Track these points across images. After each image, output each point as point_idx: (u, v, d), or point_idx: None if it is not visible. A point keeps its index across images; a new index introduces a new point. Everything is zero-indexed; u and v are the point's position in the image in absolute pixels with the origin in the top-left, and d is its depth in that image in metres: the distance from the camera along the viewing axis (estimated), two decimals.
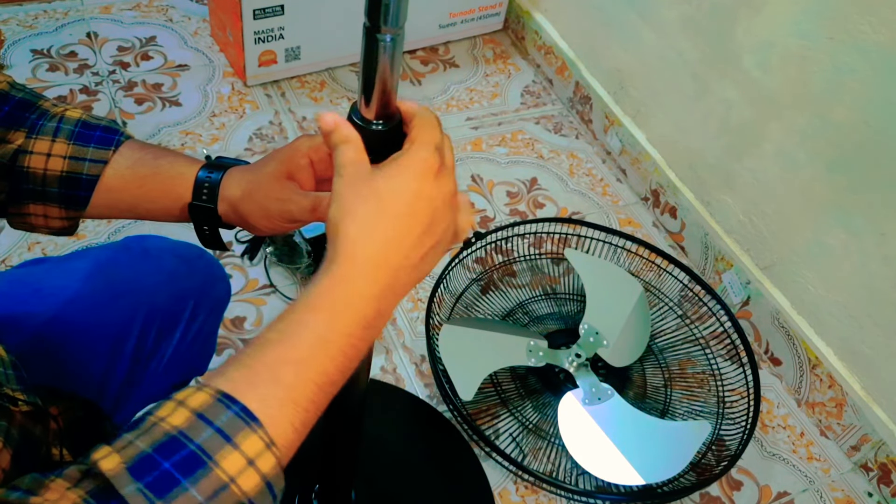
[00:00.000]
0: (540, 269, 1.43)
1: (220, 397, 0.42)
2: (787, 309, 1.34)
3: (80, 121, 0.66)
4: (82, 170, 0.65)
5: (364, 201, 0.46)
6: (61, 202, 0.66)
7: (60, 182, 0.65)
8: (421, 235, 0.47)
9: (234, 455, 0.40)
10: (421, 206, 0.47)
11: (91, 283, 0.75)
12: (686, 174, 1.51)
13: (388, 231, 0.47)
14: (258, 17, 1.52)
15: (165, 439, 0.40)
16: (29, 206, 0.66)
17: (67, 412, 0.65)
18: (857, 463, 1.28)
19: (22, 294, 0.74)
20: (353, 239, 0.46)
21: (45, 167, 0.64)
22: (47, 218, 0.67)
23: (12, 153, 0.64)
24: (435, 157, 0.48)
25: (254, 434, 0.41)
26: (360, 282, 0.46)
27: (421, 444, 1.21)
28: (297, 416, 0.43)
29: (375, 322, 0.47)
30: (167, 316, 0.78)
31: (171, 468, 0.39)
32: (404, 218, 0.47)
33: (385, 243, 0.47)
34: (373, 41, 0.49)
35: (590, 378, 1.22)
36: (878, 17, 1.07)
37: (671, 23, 1.44)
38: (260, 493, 0.41)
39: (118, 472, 0.39)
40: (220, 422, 0.41)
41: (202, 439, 0.40)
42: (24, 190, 0.65)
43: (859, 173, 1.16)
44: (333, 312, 0.45)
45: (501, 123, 1.72)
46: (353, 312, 0.46)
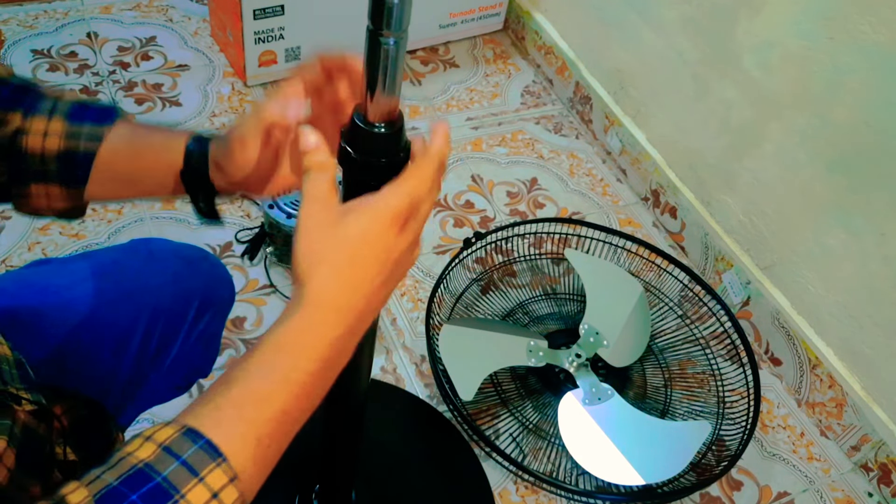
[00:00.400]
0: (540, 270, 1.43)
1: (186, 431, 0.43)
2: (787, 309, 1.34)
3: (75, 101, 0.66)
4: (79, 146, 0.65)
5: (334, 248, 0.47)
6: (61, 180, 0.66)
7: (58, 160, 0.65)
8: (384, 283, 0.49)
9: (199, 488, 0.41)
10: (386, 257, 0.49)
11: (96, 284, 0.75)
12: (686, 174, 1.51)
13: (355, 280, 0.48)
14: (258, 17, 1.52)
15: (132, 472, 0.41)
16: (31, 186, 0.66)
17: (71, 411, 0.65)
18: (858, 463, 1.28)
19: (27, 294, 0.74)
20: (322, 285, 0.48)
21: (42, 146, 0.64)
22: (50, 198, 0.67)
23: (11, 134, 0.64)
24: (406, 209, 0.48)
25: (218, 468, 0.42)
26: (326, 327, 0.48)
27: (421, 444, 1.21)
28: (258, 451, 0.45)
29: (337, 361, 0.50)
30: (171, 317, 0.78)
31: (138, 500, 0.40)
32: (371, 268, 0.48)
33: (352, 291, 0.48)
34: (376, 44, 0.49)
35: (590, 378, 1.22)
36: (878, 17, 1.07)
37: (671, 23, 1.44)
38: None
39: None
40: (185, 455, 0.42)
41: (168, 472, 0.41)
42: (24, 170, 0.65)
43: (859, 173, 1.16)
44: (297, 354, 0.47)
45: (501, 123, 1.72)
46: (316, 354, 0.48)
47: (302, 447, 1.11)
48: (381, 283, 0.49)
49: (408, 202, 0.48)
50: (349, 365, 0.73)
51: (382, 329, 1.31)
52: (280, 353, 0.47)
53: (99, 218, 1.37)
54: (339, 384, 0.76)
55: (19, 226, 1.34)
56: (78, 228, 1.34)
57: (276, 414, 0.46)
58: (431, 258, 1.43)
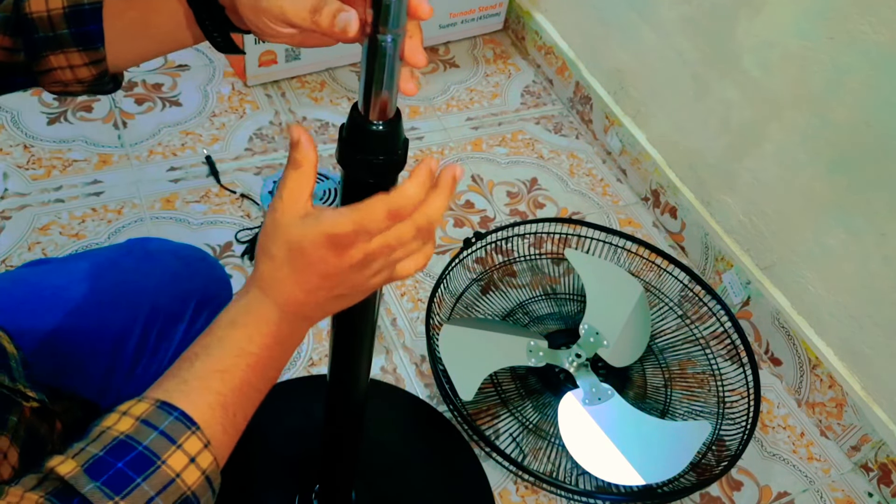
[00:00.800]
0: (540, 270, 1.43)
1: (160, 405, 0.47)
2: (787, 309, 1.34)
3: None
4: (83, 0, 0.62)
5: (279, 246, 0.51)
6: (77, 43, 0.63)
7: (67, 20, 0.62)
8: (320, 284, 0.51)
9: (178, 454, 0.46)
10: (322, 268, 0.50)
11: (93, 284, 0.75)
12: (686, 174, 1.51)
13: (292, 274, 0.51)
14: None
15: (115, 443, 0.45)
16: (49, 57, 0.63)
17: (68, 412, 0.65)
18: (858, 463, 1.28)
19: (25, 294, 0.74)
20: (266, 272, 0.51)
21: (47, 8, 0.61)
22: (73, 68, 0.64)
23: (13, 5, 0.61)
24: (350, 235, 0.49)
25: (193, 436, 0.47)
26: (269, 307, 0.52)
27: (421, 444, 1.21)
28: (226, 419, 0.49)
29: (289, 340, 0.53)
30: (169, 317, 0.78)
31: (124, 467, 0.44)
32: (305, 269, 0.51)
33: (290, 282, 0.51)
34: (374, 42, 0.49)
35: (590, 378, 1.22)
36: (878, 17, 1.07)
37: (671, 23, 1.44)
38: (201, 487, 0.47)
39: (76, 474, 0.43)
40: (162, 426, 0.46)
41: (148, 441, 0.45)
42: (37, 40, 0.62)
43: (859, 173, 1.16)
44: (250, 329, 0.51)
45: (501, 123, 1.72)
46: (266, 329, 0.52)
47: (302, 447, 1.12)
48: (317, 285, 0.51)
49: (351, 229, 0.49)
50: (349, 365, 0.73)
51: (382, 329, 1.31)
52: (235, 329, 0.51)
53: (99, 218, 1.37)
54: (340, 384, 0.76)
55: (19, 226, 1.34)
56: (78, 229, 1.35)
57: (239, 384, 0.50)
58: (431, 258, 1.43)
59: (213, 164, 1.48)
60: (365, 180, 0.55)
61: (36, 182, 1.41)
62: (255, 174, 1.49)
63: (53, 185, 1.41)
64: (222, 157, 1.51)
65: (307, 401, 1.19)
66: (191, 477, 0.46)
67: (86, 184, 1.42)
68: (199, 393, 0.49)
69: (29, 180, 1.41)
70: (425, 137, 1.64)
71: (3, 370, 0.56)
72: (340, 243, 0.49)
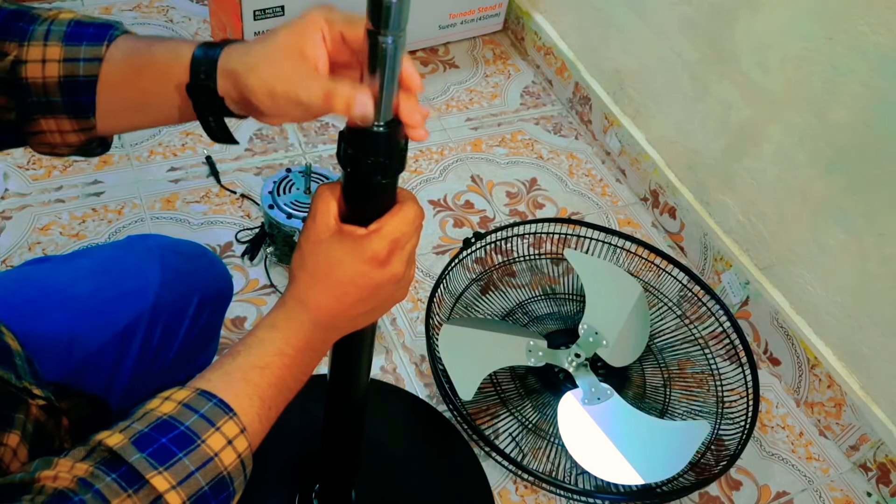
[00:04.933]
0: (539, 270, 1.44)
1: (201, 392, 0.51)
2: (786, 309, 1.34)
3: (72, 20, 0.61)
4: (78, 72, 0.60)
5: (316, 262, 0.56)
6: (68, 111, 0.62)
7: (61, 89, 0.61)
8: (355, 300, 0.57)
9: (217, 435, 0.50)
10: (358, 281, 0.56)
11: (97, 281, 0.76)
12: (685, 175, 1.51)
13: (328, 288, 0.57)
14: (258, 17, 1.53)
15: (159, 422, 0.49)
16: (40, 121, 0.62)
17: (76, 409, 0.65)
18: (856, 463, 1.29)
19: (29, 292, 0.74)
20: (304, 289, 0.57)
21: (42, 75, 0.60)
22: (62, 133, 0.63)
23: (10, 66, 0.60)
24: (386, 249, 0.55)
25: (230, 420, 0.51)
26: (305, 317, 0.57)
27: (421, 444, 1.21)
28: (262, 410, 0.53)
29: (321, 347, 0.59)
30: (172, 313, 0.79)
31: (168, 443, 0.48)
32: (342, 284, 0.56)
33: (325, 296, 0.57)
34: (374, 43, 0.49)
35: (589, 378, 1.22)
36: (877, 18, 1.07)
37: (671, 23, 1.44)
38: (236, 469, 0.50)
39: (124, 445, 0.47)
40: (203, 410, 0.50)
41: (190, 422, 0.49)
42: (30, 103, 0.61)
43: (858, 174, 1.17)
44: (287, 333, 0.56)
45: (501, 124, 1.72)
46: (303, 336, 0.57)
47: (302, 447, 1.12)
48: (355, 301, 0.57)
49: (389, 242, 0.56)
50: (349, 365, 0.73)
51: (382, 329, 1.31)
52: (274, 331, 0.56)
53: (99, 218, 1.37)
54: (340, 384, 0.76)
55: (19, 226, 1.34)
56: (78, 229, 1.35)
57: (275, 380, 0.55)
58: (431, 258, 1.43)
59: (214, 164, 1.48)
60: (367, 181, 0.55)
61: (36, 182, 1.41)
62: (256, 174, 1.49)
63: (54, 185, 1.41)
64: (222, 157, 1.51)
65: (307, 401, 1.19)
66: (228, 458, 0.50)
67: (86, 184, 1.42)
68: (239, 384, 0.53)
69: (29, 180, 1.41)
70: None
71: (9, 368, 0.57)
72: (380, 259, 0.55)
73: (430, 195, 1.54)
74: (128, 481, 0.46)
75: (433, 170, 1.59)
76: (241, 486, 0.51)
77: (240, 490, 0.51)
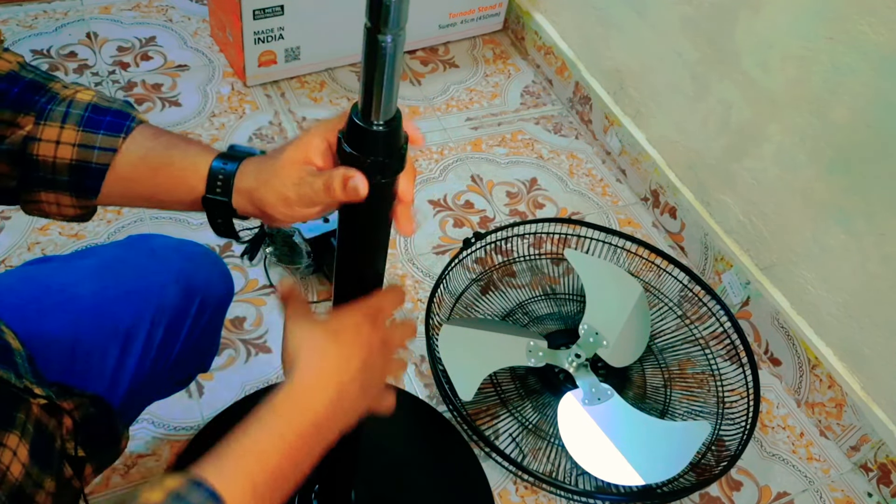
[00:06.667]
0: (540, 270, 1.43)
1: (193, 481, 0.50)
2: (786, 309, 1.34)
3: (90, 104, 0.64)
4: (91, 158, 0.63)
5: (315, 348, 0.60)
6: (72, 190, 0.64)
7: (70, 170, 0.63)
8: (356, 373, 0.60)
9: None
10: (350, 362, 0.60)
11: (100, 281, 0.76)
12: (686, 174, 1.51)
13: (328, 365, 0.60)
14: (258, 17, 1.52)
15: None
16: (40, 193, 0.64)
17: (79, 408, 0.65)
18: (857, 463, 1.28)
19: (32, 292, 0.74)
20: (305, 366, 0.58)
21: (54, 155, 0.62)
22: (60, 206, 0.65)
23: (22, 140, 0.62)
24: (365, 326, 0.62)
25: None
26: (311, 396, 0.58)
27: (421, 444, 1.21)
28: (254, 499, 0.52)
29: (325, 427, 0.58)
30: (175, 313, 0.79)
31: None
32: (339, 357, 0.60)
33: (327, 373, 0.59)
34: (374, 42, 0.49)
35: (589, 378, 1.22)
36: (877, 18, 1.07)
37: (671, 23, 1.44)
38: None
39: None
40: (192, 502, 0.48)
41: None
42: (34, 177, 0.63)
43: (859, 174, 1.16)
44: (290, 417, 0.56)
45: (501, 124, 1.72)
46: (305, 418, 0.57)
47: None
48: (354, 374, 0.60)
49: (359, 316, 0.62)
50: None
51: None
52: (275, 415, 0.56)
53: (99, 218, 1.37)
54: None
55: (19, 226, 1.34)
56: (78, 228, 1.34)
57: (272, 467, 0.54)
58: (431, 258, 1.43)
59: None
60: (367, 180, 0.55)
61: None
62: None
63: None
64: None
65: None
66: None
67: None
68: (232, 472, 0.52)
69: None
70: (425, 137, 1.64)
71: (9, 367, 0.57)
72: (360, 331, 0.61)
73: (430, 195, 1.54)
74: None
75: (433, 169, 1.59)
76: None
77: None
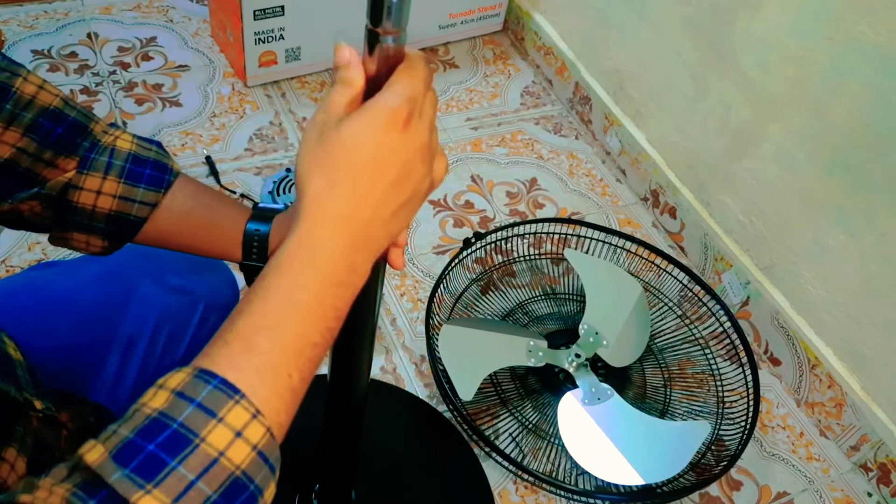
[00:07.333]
0: (540, 270, 1.43)
1: (198, 374, 0.40)
2: (786, 309, 1.34)
3: (130, 155, 0.64)
4: (131, 211, 0.64)
5: (329, 154, 0.44)
6: (106, 237, 0.66)
7: (108, 220, 0.64)
8: (388, 189, 0.45)
9: (220, 429, 0.39)
10: (386, 159, 0.44)
11: (102, 288, 0.75)
12: (685, 174, 1.51)
13: (354, 183, 0.44)
14: (258, 17, 1.53)
15: (147, 423, 0.38)
16: (73, 234, 0.66)
17: (78, 417, 0.65)
18: (857, 463, 1.28)
19: (33, 299, 0.74)
20: (319, 193, 0.44)
21: (94, 204, 0.63)
22: (89, 245, 0.67)
23: (62, 186, 0.63)
24: (405, 107, 0.44)
25: (237, 406, 0.39)
26: (326, 239, 0.44)
27: (421, 444, 1.21)
28: (279, 382, 0.42)
29: (348, 279, 0.45)
30: (177, 321, 0.78)
31: (157, 449, 0.37)
32: (369, 169, 0.44)
33: (351, 196, 0.44)
34: (375, 42, 0.49)
35: (589, 378, 1.22)
36: (876, 18, 1.07)
37: (671, 23, 1.44)
38: (253, 465, 0.39)
39: (102, 461, 0.37)
40: (199, 398, 0.39)
41: (183, 417, 0.38)
42: (70, 221, 0.64)
43: (858, 174, 1.17)
44: (300, 273, 0.43)
45: (501, 124, 1.72)
46: (320, 271, 0.44)
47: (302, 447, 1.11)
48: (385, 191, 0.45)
49: (406, 99, 0.44)
50: (349, 365, 0.73)
51: (382, 329, 1.31)
52: (280, 275, 0.43)
53: None
54: (340, 384, 0.76)
55: None
56: None
57: (290, 340, 0.42)
58: (431, 258, 1.43)
59: (213, 164, 1.48)
60: None
61: None
62: (255, 174, 1.49)
63: None
64: (222, 157, 1.51)
65: (307, 401, 1.19)
66: (238, 454, 0.39)
67: None
68: (242, 355, 0.41)
69: None
70: None
71: (9, 379, 0.56)
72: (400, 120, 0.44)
73: (431, 195, 1.54)
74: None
75: None
76: (269, 480, 0.41)
77: (268, 485, 0.41)
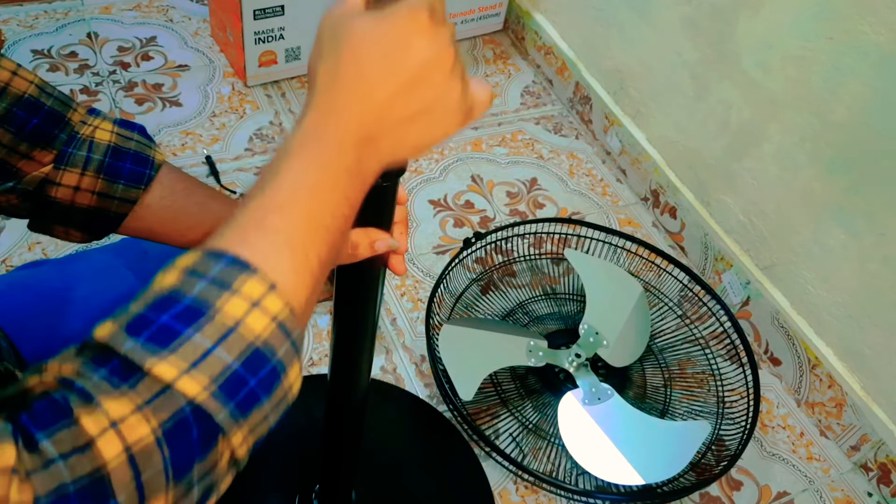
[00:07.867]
0: (540, 270, 1.43)
1: (208, 253, 0.39)
2: (786, 309, 1.34)
3: (109, 148, 0.64)
4: (110, 208, 0.64)
5: (340, 47, 0.43)
6: (85, 230, 0.66)
7: (87, 215, 0.64)
8: (401, 89, 0.43)
9: (235, 300, 0.37)
10: (399, 55, 0.42)
11: (91, 286, 0.75)
12: (686, 174, 1.51)
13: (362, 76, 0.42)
14: (258, 17, 1.52)
15: (158, 299, 0.37)
16: (52, 226, 0.66)
17: None
18: (857, 463, 1.28)
19: (24, 297, 0.74)
20: (326, 85, 0.43)
21: (72, 199, 0.63)
22: (69, 235, 0.67)
23: (39, 182, 0.62)
24: (423, 8, 0.42)
25: (251, 279, 0.38)
26: (333, 127, 0.42)
27: (421, 444, 1.21)
28: (295, 259, 0.40)
29: (357, 168, 0.43)
30: None
31: (170, 320, 0.36)
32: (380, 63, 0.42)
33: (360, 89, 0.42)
34: None
35: (590, 378, 1.22)
36: (877, 18, 1.07)
37: (671, 23, 1.44)
38: (274, 336, 0.38)
39: (114, 333, 0.36)
40: (212, 273, 0.37)
41: (196, 292, 0.37)
42: (47, 214, 0.64)
43: (859, 174, 1.17)
44: (309, 157, 0.42)
45: (501, 124, 1.72)
46: (326, 156, 0.42)
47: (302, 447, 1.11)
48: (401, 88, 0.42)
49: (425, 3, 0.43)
50: (349, 365, 0.73)
51: (382, 329, 1.31)
52: (289, 158, 0.42)
53: None
54: (340, 384, 0.76)
55: (20, 225, 1.34)
56: None
57: (303, 219, 0.41)
58: (431, 258, 1.43)
59: (214, 164, 1.48)
60: None
61: None
62: (256, 174, 1.49)
63: None
64: (222, 157, 1.51)
65: (307, 400, 1.19)
66: (257, 324, 0.37)
67: None
68: (255, 233, 0.40)
69: None
70: None
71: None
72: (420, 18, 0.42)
73: (431, 195, 1.54)
74: (120, 375, 0.35)
75: (433, 169, 1.59)
76: (293, 357, 0.39)
77: (292, 364, 0.39)
